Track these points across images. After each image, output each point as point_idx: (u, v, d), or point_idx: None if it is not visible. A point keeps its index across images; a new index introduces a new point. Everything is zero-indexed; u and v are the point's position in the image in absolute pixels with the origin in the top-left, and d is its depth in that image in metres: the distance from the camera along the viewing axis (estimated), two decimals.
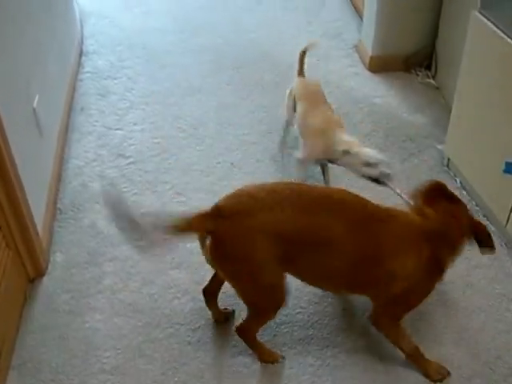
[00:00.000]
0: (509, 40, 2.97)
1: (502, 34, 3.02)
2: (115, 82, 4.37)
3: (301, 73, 3.69)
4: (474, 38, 3.30)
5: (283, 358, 2.67)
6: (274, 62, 4.63)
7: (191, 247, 3.13)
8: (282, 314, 2.73)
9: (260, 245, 2.27)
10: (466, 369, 2.65)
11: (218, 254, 2.34)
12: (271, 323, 2.73)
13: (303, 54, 3.69)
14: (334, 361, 2.67)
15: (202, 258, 3.04)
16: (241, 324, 2.58)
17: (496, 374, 2.65)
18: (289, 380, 2.61)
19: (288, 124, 3.70)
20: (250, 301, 2.47)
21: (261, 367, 2.66)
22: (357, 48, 4.82)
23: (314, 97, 3.51)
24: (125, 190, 3.45)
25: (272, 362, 2.65)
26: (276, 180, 3.46)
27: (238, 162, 3.68)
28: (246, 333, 2.59)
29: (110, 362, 2.67)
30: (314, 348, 2.72)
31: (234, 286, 2.44)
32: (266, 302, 2.47)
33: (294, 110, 3.53)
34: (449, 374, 2.59)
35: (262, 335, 2.69)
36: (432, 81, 4.53)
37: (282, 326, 2.80)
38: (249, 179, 3.47)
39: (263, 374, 2.64)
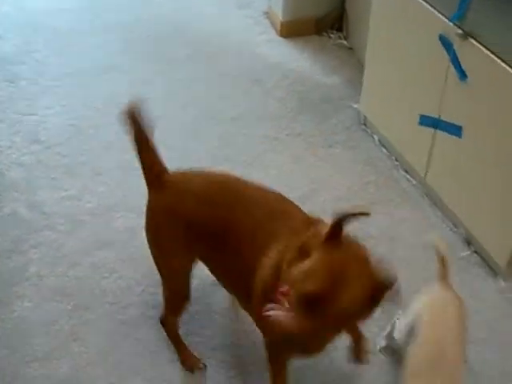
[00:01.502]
0: None
1: None
2: (23, 66, 4.25)
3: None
4: None
5: (205, 366, 2.59)
6: (186, 35, 4.59)
7: (115, 226, 3.12)
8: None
9: (171, 226, 2.26)
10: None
11: (146, 215, 2.35)
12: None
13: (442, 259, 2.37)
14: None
15: (127, 236, 3.07)
16: (161, 313, 2.56)
17: None
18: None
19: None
20: (163, 284, 2.45)
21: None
22: (267, 15, 4.82)
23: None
24: (42, 175, 3.39)
25: (191, 369, 2.59)
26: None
27: (158, 137, 3.62)
28: (164, 322, 2.56)
29: (43, 348, 2.64)
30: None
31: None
32: (170, 290, 2.45)
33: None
34: None
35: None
36: (344, 42, 4.58)
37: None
38: (169, 154, 3.43)
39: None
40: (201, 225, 2.21)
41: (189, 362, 2.59)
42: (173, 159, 2.37)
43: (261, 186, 2.26)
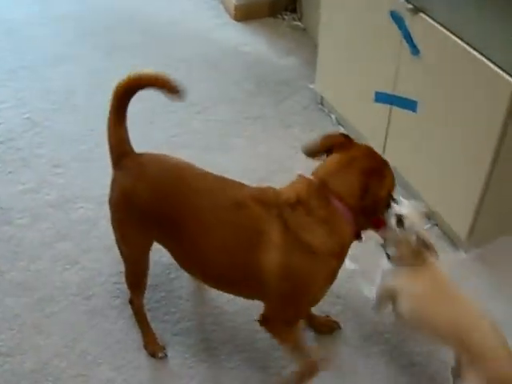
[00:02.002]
0: None
1: None
2: None
3: None
4: None
5: (165, 355, 2.59)
6: (140, 22, 4.54)
7: (75, 217, 3.10)
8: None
9: (127, 207, 2.28)
10: None
11: (110, 192, 2.34)
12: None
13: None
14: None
15: (88, 227, 3.04)
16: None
17: None
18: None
19: None
20: (123, 261, 2.47)
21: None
22: None
23: None
24: None
25: (152, 354, 2.59)
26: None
27: None
28: (131, 302, 2.57)
29: (7, 343, 2.61)
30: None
31: None
32: (128, 268, 2.48)
33: None
34: None
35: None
36: (299, 23, 4.58)
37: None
38: None
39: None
40: (155, 210, 2.22)
41: (152, 346, 2.59)
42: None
43: (213, 174, 2.27)
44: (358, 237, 2.17)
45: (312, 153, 2.17)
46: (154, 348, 2.59)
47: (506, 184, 2.83)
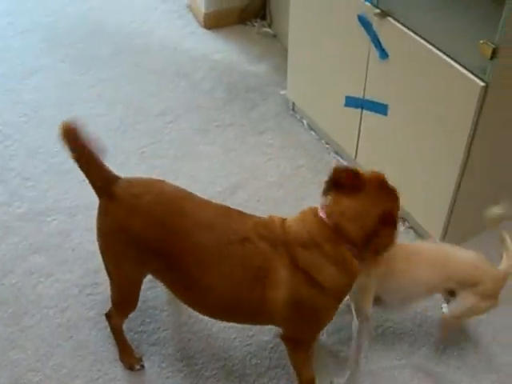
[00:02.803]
0: None
1: None
2: None
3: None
4: None
5: (142, 366, 2.57)
6: (109, 32, 4.52)
7: (48, 230, 3.07)
8: None
9: (121, 240, 2.21)
10: None
11: (97, 221, 2.26)
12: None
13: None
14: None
15: (61, 239, 3.02)
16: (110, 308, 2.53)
17: None
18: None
19: None
20: (110, 287, 2.41)
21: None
22: (190, 7, 4.79)
23: None
24: None
25: (130, 367, 2.57)
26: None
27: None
28: (110, 317, 2.53)
29: None
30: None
31: None
32: (118, 296, 2.42)
33: None
34: None
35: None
36: (269, 29, 4.59)
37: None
38: None
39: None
40: (151, 245, 2.17)
41: (128, 359, 2.57)
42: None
43: (208, 202, 2.24)
44: None
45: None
46: (130, 361, 2.57)
47: (477, 184, 2.84)
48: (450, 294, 2.54)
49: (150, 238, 2.16)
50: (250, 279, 2.10)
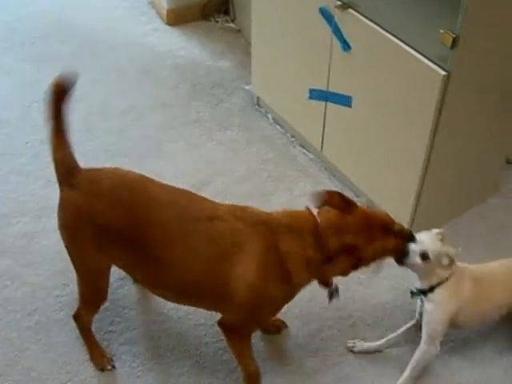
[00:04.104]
0: None
1: None
2: None
3: None
4: None
5: (113, 366, 2.55)
6: (71, 31, 4.45)
7: (13, 232, 3.03)
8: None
9: (84, 228, 2.20)
10: None
11: (58, 214, 2.26)
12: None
13: None
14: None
15: (26, 241, 2.98)
16: (76, 309, 2.51)
17: None
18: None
19: None
20: (78, 281, 2.40)
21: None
22: (152, 4, 4.75)
23: None
24: None
25: (101, 367, 2.55)
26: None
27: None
28: (78, 318, 2.51)
29: None
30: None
31: None
32: (86, 289, 2.41)
33: None
34: None
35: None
36: (232, 25, 4.57)
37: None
38: None
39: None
40: (115, 228, 2.16)
41: (99, 360, 2.55)
42: None
43: (172, 186, 2.25)
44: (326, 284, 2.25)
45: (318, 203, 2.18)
46: (101, 361, 2.55)
47: (442, 173, 2.87)
48: None
49: (112, 221, 2.16)
50: (218, 256, 2.10)
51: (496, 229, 3.13)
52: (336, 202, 2.14)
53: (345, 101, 3.03)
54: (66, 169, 2.22)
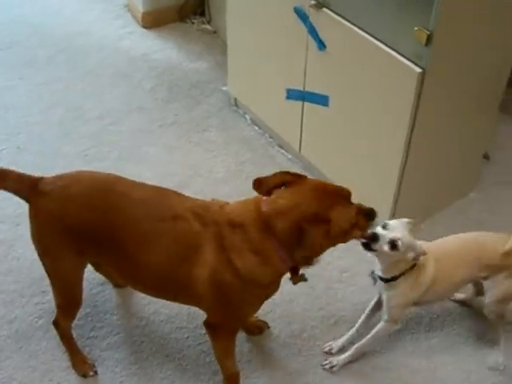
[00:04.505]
0: None
1: None
2: None
3: None
4: None
5: (95, 372, 2.54)
6: (45, 36, 4.43)
7: None
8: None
9: (57, 234, 2.20)
10: None
11: (31, 225, 2.25)
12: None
13: None
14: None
15: (3, 249, 2.97)
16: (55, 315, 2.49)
17: None
18: None
19: None
20: (53, 290, 2.39)
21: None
22: (128, 7, 4.73)
23: None
24: None
25: (83, 374, 2.53)
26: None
27: (25, 144, 3.51)
28: (57, 325, 2.49)
29: None
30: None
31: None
32: (60, 295, 2.40)
33: None
34: None
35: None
36: (208, 26, 4.56)
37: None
38: (39, 160, 3.33)
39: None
40: (88, 229, 2.16)
41: (81, 367, 2.53)
42: (44, 165, 2.29)
43: (143, 184, 2.25)
44: (294, 272, 2.16)
45: (262, 190, 2.10)
46: (83, 368, 2.53)
47: (421, 169, 2.88)
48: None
49: (85, 223, 2.15)
50: (180, 256, 2.10)
51: (475, 223, 3.14)
52: (281, 180, 2.07)
53: (322, 100, 3.03)
54: (27, 188, 2.21)
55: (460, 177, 3.19)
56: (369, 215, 2.16)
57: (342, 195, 2.10)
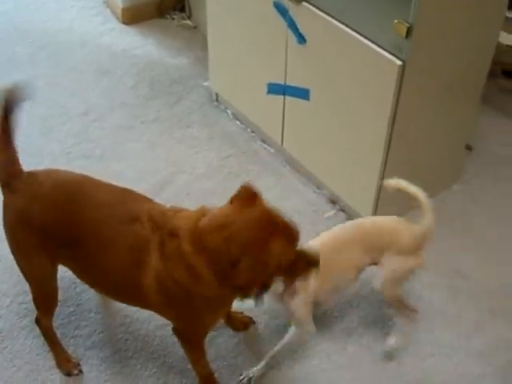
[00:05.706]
0: None
1: None
2: None
3: None
4: None
5: (80, 371, 2.53)
6: (25, 33, 4.40)
7: None
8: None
9: (25, 231, 2.20)
10: None
11: (2, 220, 2.26)
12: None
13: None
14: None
15: None
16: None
17: None
18: None
19: None
20: (29, 286, 2.39)
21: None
22: (107, 3, 4.70)
23: None
24: None
25: (67, 373, 2.52)
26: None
27: None
28: (39, 322, 2.49)
29: None
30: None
31: None
32: (35, 292, 2.40)
33: None
34: None
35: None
36: (188, 21, 4.55)
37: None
38: (22, 157, 3.28)
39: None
40: (54, 230, 2.16)
41: (65, 365, 2.52)
42: (26, 162, 2.27)
43: (110, 186, 2.23)
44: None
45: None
46: (67, 367, 2.52)
47: (403, 162, 2.88)
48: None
49: (51, 223, 2.16)
50: (132, 260, 2.07)
51: (458, 215, 3.15)
52: (242, 196, 1.95)
53: (303, 94, 3.03)
54: (9, 174, 2.21)
55: (443, 168, 3.20)
56: (311, 263, 2.04)
57: (287, 232, 1.93)
